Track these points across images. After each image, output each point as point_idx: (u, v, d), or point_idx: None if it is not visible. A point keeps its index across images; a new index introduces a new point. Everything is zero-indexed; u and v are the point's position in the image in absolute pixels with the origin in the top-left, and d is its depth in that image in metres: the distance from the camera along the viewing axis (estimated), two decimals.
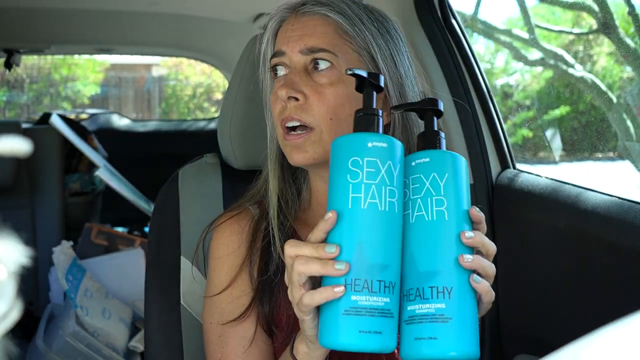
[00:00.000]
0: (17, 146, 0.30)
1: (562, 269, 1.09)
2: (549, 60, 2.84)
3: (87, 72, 7.37)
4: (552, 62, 2.80)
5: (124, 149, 2.83)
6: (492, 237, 1.24)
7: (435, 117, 0.63)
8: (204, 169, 1.02)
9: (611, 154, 2.51)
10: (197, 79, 7.96)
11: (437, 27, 1.32)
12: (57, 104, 7.33)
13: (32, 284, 2.10)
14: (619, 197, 1.00)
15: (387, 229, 0.57)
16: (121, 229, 2.49)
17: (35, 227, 2.21)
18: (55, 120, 2.30)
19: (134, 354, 1.79)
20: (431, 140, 0.62)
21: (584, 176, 1.30)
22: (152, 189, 1.47)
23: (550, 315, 1.12)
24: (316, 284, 0.58)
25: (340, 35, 0.73)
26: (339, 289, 0.54)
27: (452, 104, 1.28)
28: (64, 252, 1.86)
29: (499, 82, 5.15)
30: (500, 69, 5.51)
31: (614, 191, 1.03)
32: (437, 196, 0.58)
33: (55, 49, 2.51)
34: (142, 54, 3.43)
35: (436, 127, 0.63)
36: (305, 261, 0.56)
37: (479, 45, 5.11)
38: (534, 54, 3.30)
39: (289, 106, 0.73)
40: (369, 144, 0.58)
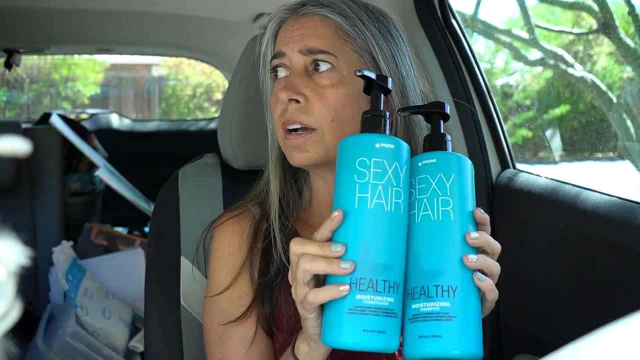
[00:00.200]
0: (17, 146, 0.30)
1: (562, 269, 1.09)
2: (549, 60, 2.84)
3: (87, 72, 7.37)
4: (552, 62, 2.80)
5: (124, 149, 2.83)
6: (492, 237, 1.24)
7: (442, 120, 0.63)
8: (204, 169, 1.02)
9: (611, 154, 2.51)
10: (197, 79, 7.97)
11: (437, 27, 1.32)
12: (57, 104, 7.33)
13: (32, 284, 2.09)
14: (619, 197, 1.00)
15: (393, 230, 0.57)
16: (121, 229, 2.48)
17: (35, 227, 2.21)
18: (55, 120, 2.30)
19: (134, 354, 1.79)
20: (438, 142, 0.62)
21: (584, 176, 1.30)
22: (152, 189, 1.47)
23: (550, 315, 1.11)
24: (320, 283, 0.58)
25: (340, 36, 0.73)
26: (344, 288, 0.55)
27: (452, 104, 1.28)
28: (64, 252, 1.86)
29: (499, 82, 5.15)
30: (500, 69, 5.51)
31: (614, 191, 1.03)
32: (443, 196, 0.58)
33: (55, 49, 2.51)
34: (142, 54, 3.43)
35: (442, 130, 0.63)
36: (310, 259, 0.56)
37: (479, 45, 5.11)
38: (534, 54, 3.30)
39: (290, 108, 0.73)
40: (377, 145, 0.58)
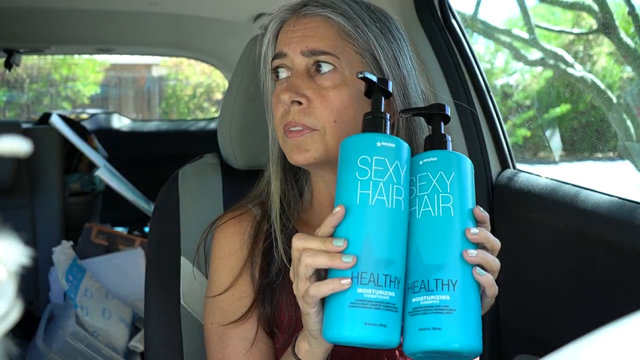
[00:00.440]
0: (17, 146, 0.30)
1: (562, 269, 1.09)
2: (549, 60, 2.84)
3: (87, 72, 7.37)
4: (552, 62, 2.80)
5: (124, 149, 2.83)
6: None
7: (442, 122, 0.64)
8: (204, 169, 1.02)
9: (611, 154, 2.51)
10: (197, 79, 7.96)
11: (437, 27, 1.32)
12: (57, 104, 7.33)
13: (32, 284, 2.09)
14: (619, 197, 1.00)
15: (394, 226, 0.58)
16: (121, 229, 2.48)
17: (35, 227, 2.21)
18: (55, 120, 2.29)
19: (134, 354, 1.78)
20: (438, 141, 0.63)
21: (584, 176, 1.30)
22: (152, 189, 1.47)
23: (550, 315, 1.11)
24: (321, 279, 0.58)
25: (342, 37, 0.73)
26: (346, 281, 0.55)
27: (452, 104, 1.28)
28: (64, 252, 1.86)
29: (499, 82, 5.15)
30: (500, 69, 5.51)
31: (614, 191, 1.03)
32: (444, 193, 0.59)
33: (55, 49, 2.51)
34: (142, 54, 3.43)
35: (442, 131, 0.64)
36: (312, 254, 0.57)
37: (479, 45, 5.11)
38: (534, 54, 3.30)
39: (292, 110, 0.73)
40: (378, 144, 0.59)
